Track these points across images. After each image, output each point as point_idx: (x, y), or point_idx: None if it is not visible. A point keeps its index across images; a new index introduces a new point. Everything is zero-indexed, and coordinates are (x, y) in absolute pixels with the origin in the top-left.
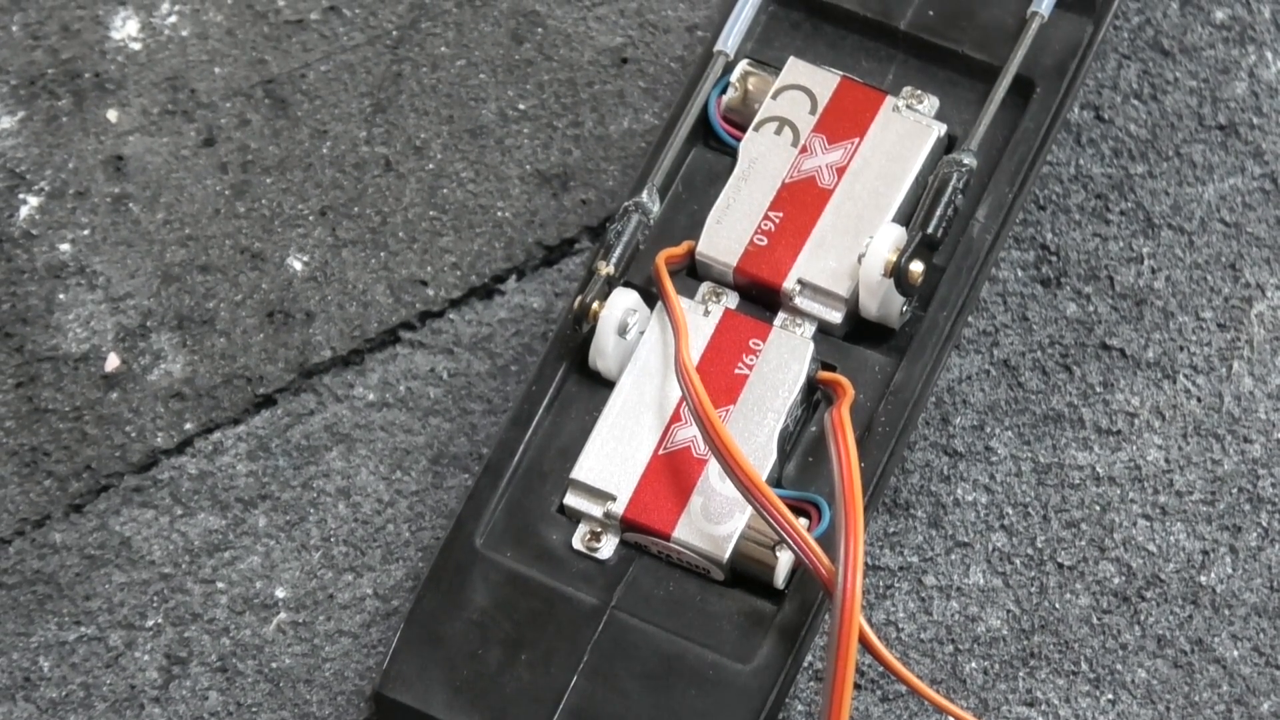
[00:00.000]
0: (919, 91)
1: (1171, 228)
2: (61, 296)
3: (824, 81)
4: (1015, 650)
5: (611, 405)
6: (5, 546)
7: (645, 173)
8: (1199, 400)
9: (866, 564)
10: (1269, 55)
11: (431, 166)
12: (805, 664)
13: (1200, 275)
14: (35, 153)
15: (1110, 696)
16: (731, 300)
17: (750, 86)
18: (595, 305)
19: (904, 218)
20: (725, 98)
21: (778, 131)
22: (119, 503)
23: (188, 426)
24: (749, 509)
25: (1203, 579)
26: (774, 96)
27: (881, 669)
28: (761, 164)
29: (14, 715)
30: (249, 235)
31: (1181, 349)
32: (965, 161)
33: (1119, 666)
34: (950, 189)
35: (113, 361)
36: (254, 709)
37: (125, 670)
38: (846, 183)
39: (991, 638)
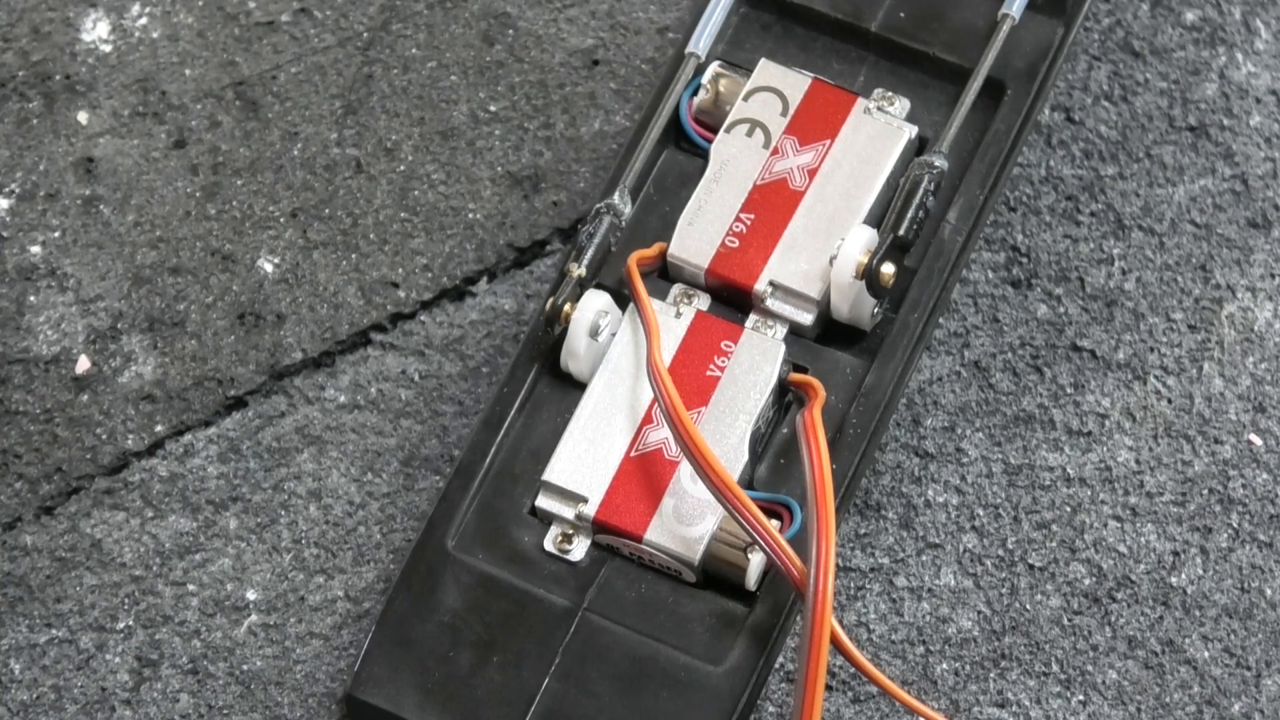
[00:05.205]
0: (890, 94)
1: (1142, 229)
2: (32, 298)
3: (795, 83)
4: (986, 651)
5: (583, 407)
6: None
7: (616, 174)
8: (1169, 401)
9: (838, 565)
10: (1239, 56)
11: (402, 168)
12: (777, 665)
13: (1171, 276)
14: (5, 155)
15: (1081, 698)
16: (703, 302)
17: (721, 88)
18: (567, 307)
19: (875, 220)
20: (696, 99)
21: (749, 133)
22: (90, 505)
23: (158, 429)
24: (720, 511)
25: (1173, 580)
26: (745, 98)
27: (853, 670)
28: (733, 166)
29: None
30: (220, 237)
31: (1152, 350)
32: (936, 163)
33: (1090, 668)
34: (921, 191)
35: (83, 364)
36: (225, 711)
37: (96, 673)
38: (818, 185)
39: (962, 639)
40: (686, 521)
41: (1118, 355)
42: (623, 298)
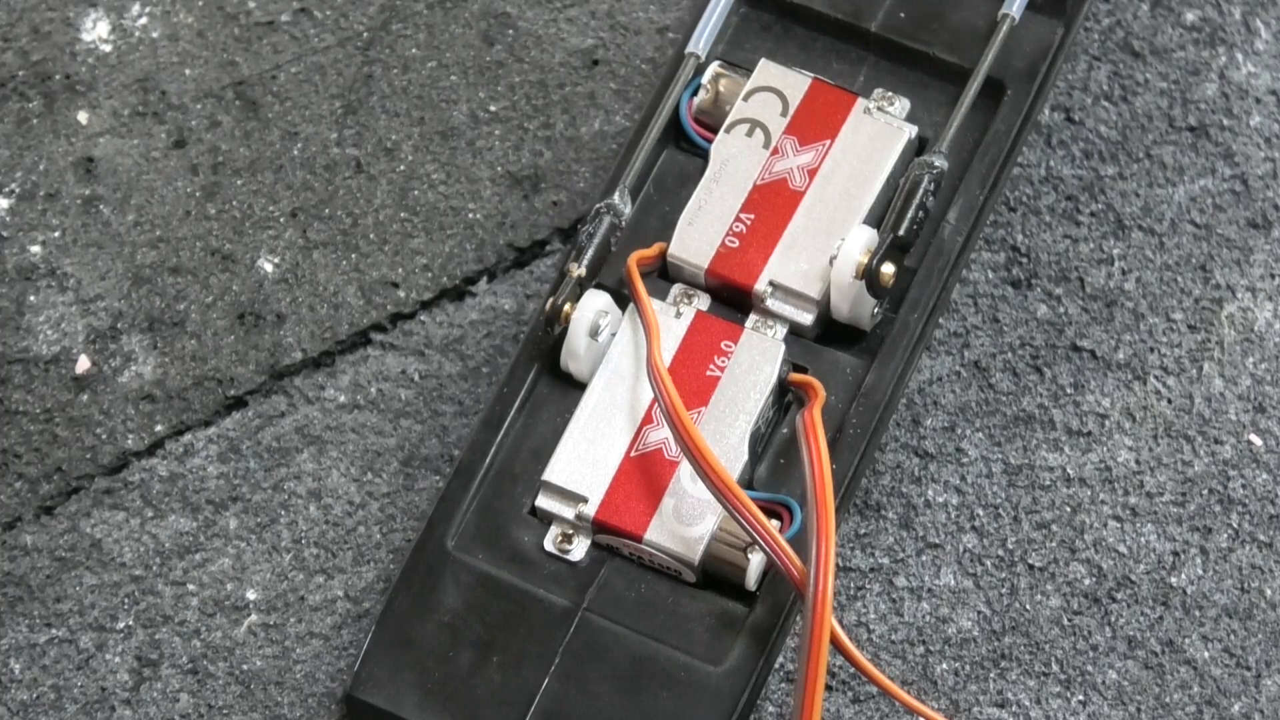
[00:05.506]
0: (890, 94)
1: (1142, 229)
2: (32, 298)
3: (795, 83)
4: (986, 651)
5: (583, 407)
6: None
7: (616, 174)
8: (1169, 402)
9: (838, 565)
10: (1239, 57)
11: (402, 168)
12: (777, 665)
13: (1171, 277)
14: (5, 154)
15: (1081, 698)
16: (703, 302)
17: (721, 88)
18: (567, 307)
19: (875, 220)
20: (696, 99)
21: (749, 133)
22: (90, 505)
23: (158, 428)
24: (720, 511)
25: (1173, 580)
26: (745, 98)
27: (853, 670)
28: (733, 166)
29: None
30: (220, 237)
31: (1152, 350)
32: (936, 163)
33: (1090, 668)
34: (921, 191)
35: (83, 363)
36: (225, 711)
37: (96, 672)
38: (818, 185)
39: (962, 639)
40: (686, 521)
41: (1118, 355)
42: (623, 298)
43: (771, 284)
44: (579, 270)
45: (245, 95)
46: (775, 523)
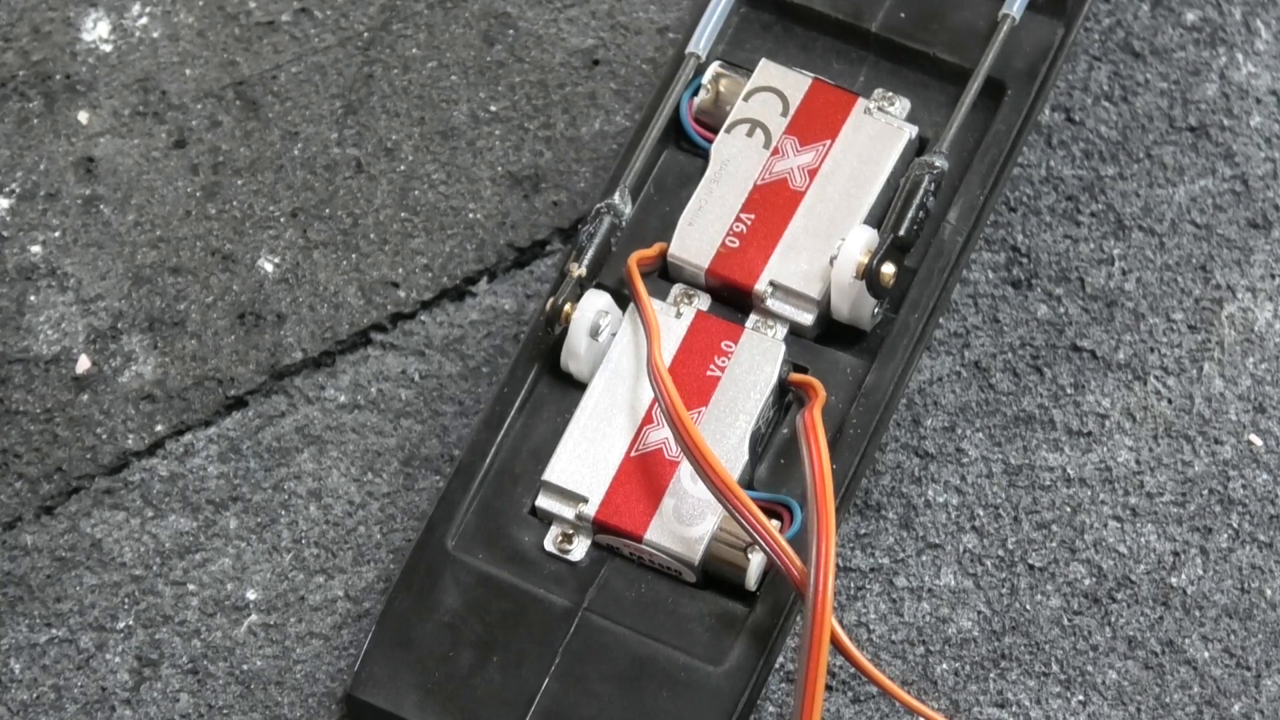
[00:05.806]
0: (890, 94)
1: (1142, 229)
2: (32, 298)
3: (795, 84)
4: (986, 652)
5: (583, 407)
6: None
7: (617, 174)
8: (1170, 402)
9: (838, 565)
10: (1240, 57)
11: (403, 168)
12: (777, 665)
13: (1171, 277)
14: (6, 154)
15: (1081, 698)
16: (703, 302)
17: (722, 88)
18: (567, 307)
19: (875, 220)
20: (697, 99)
21: (749, 133)
22: (90, 505)
23: (159, 428)
24: (721, 511)
25: (1173, 580)
26: (745, 98)
27: (853, 670)
28: (733, 166)
29: None
30: (220, 237)
31: (1152, 350)
32: (936, 164)
33: (1090, 668)
34: (921, 191)
35: (83, 363)
36: (225, 711)
37: (96, 672)
38: (818, 185)
39: (962, 639)
40: (686, 521)
41: (1118, 355)
42: (623, 298)
43: (772, 284)
44: (579, 270)
45: (245, 95)
46: (775, 523)
